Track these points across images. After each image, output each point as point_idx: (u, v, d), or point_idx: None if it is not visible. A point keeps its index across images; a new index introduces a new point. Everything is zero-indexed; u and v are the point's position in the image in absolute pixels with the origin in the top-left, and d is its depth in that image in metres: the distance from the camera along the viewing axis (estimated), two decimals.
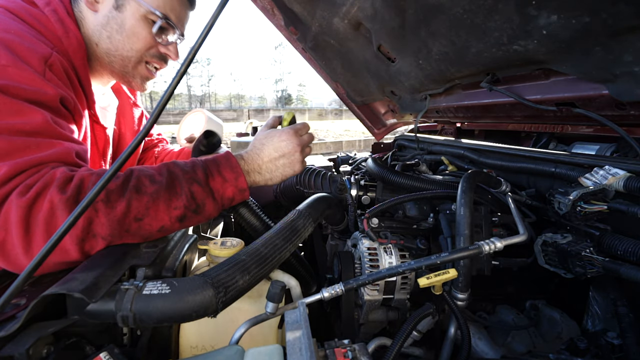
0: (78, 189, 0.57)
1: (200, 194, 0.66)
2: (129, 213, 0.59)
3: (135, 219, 0.60)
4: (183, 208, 0.64)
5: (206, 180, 0.68)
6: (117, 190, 0.59)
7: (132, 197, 0.60)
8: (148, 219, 0.61)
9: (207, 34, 0.43)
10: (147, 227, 0.61)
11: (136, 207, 0.60)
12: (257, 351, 0.45)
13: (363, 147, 11.16)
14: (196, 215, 0.67)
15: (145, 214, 0.60)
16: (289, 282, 0.73)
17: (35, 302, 0.42)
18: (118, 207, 0.58)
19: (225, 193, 0.70)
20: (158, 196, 0.62)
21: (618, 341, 0.59)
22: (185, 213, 0.64)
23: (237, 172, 0.71)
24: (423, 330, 0.66)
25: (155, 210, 0.61)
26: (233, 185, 0.70)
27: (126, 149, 0.42)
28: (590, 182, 0.68)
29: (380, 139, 1.87)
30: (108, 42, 0.88)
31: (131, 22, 0.87)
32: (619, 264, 0.57)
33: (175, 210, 0.63)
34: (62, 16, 0.81)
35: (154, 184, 0.63)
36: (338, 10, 1.06)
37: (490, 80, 0.93)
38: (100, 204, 0.57)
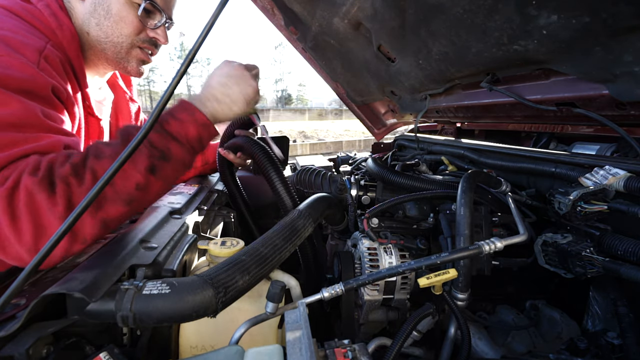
0: (49, 170, 0.58)
1: (159, 140, 0.66)
2: (97, 179, 0.59)
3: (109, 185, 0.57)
4: (147, 159, 0.64)
5: (161, 126, 0.68)
6: (80, 163, 0.61)
7: (94, 164, 0.61)
8: (119, 180, 0.61)
9: (207, 34, 0.43)
10: (122, 188, 0.62)
11: (101, 171, 0.60)
12: (257, 351, 0.44)
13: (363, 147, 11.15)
14: (166, 162, 0.66)
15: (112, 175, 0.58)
16: (289, 282, 0.73)
17: (35, 302, 0.42)
18: (86, 177, 0.59)
19: (189, 133, 0.70)
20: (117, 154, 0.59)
21: (618, 341, 0.59)
22: (152, 162, 0.64)
23: (190, 109, 0.72)
24: (423, 330, 0.66)
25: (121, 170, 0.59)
26: (192, 123, 0.71)
27: (126, 148, 0.42)
28: (590, 182, 0.68)
29: (380, 139, 1.87)
30: (97, 29, 0.88)
31: (117, 6, 0.87)
32: (619, 264, 0.57)
33: (141, 163, 0.63)
34: (55, 10, 0.82)
35: (110, 146, 0.64)
36: (338, 10, 1.06)
37: (490, 80, 0.93)
38: (71, 178, 0.58)
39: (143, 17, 0.90)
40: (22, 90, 0.64)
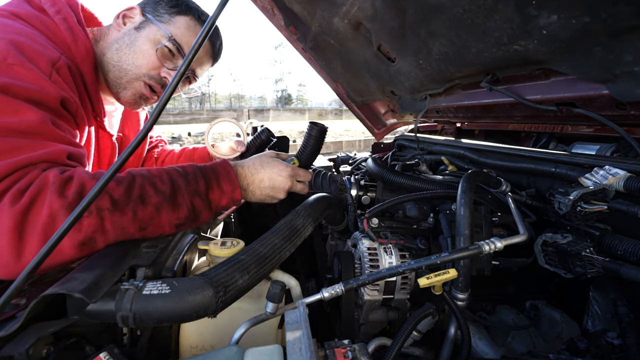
0: (79, 194, 0.56)
1: (200, 205, 0.70)
2: (134, 223, 0.60)
3: (140, 229, 0.61)
4: (184, 219, 0.67)
5: (207, 192, 0.71)
6: (123, 199, 0.60)
7: (138, 208, 0.61)
8: (151, 228, 0.63)
9: (207, 34, 0.43)
10: (149, 234, 0.64)
11: (141, 217, 0.61)
12: (257, 351, 0.44)
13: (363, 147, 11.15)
14: (192, 223, 0.70)
15: (149, 223, 0.62)
16: (289, 282, 0.73)
17: (35, 302, 0.42)
18: (124, 217, 0.59)
19: (221, 203, 0.74)
20: (162, 208, 0.63)
21: (618, 341, 0.59)
22: (184, 222, 0.67)
23: (234, 185, 0.75)
24: (423, 330, 0.66)
25: (158, 220, 0.63)
26: (229, 197, 0.74)
27: (125, 149, 0.42)
28: (590, 182, 0.68)
29: (380, 139, 1.87)
30: (114, 53, 0.90)
31: (142, 41, 0.90)
32: (619, 264, 0.57)
33: (177, 221, 0.66)
34: (72, 24, 0.83)
35: (158, 194, 0.64)
36: (338, 10, 1.06)
37: (490, 80, 0.93)
38: (107, 212, 0.58)
39: (162, 56, 0.91)
40: (32, 101, 0.64)
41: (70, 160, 0.65)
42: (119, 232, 0.59)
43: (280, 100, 53.04)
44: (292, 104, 52.79)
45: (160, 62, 0.91)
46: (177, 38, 0.91)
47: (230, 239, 0.75)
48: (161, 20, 0.92)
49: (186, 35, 0.93)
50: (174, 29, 0.91)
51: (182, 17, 0.93)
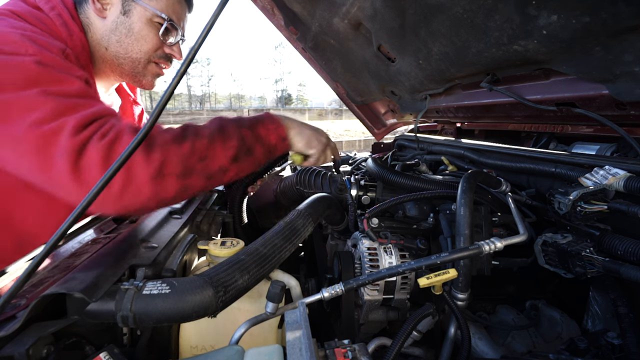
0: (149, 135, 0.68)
1: (249, 137, 0.77)
2: (194, 152, 0.69)
3: (200, 159, 0.69)
4: (236, 148, 0.74)
5: (252, 127, 0.79)
6: (180, 135, 0.70)
7: (195, 140, 0.70)
8: (209, 159, 0.71)
9: (207, 34, 0.43)
10: (210, 166, 0.71)
11: (199, 147, 0.69)
12: (257, 351, 0.44)
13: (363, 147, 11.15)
14: (247, 157, 0.77)
15: (206, 154, 0.70)
16: (289, 282, 0.73)
17: (35, 302, 0.42)
18: (185, 146, 0.68)
19: (270, 140, 0.81)
20: (214, 138, 0.72)
21: (618, 341, 0.59)
22: (237, 153, 0.74)
23: (277, 123, 0.84)
24: (423, 330, 0.66)
25: (213, 150, 0.71)
26: (275, 133, 0.82)
27: (127, 147, 0.42)
28: (590, 182, 0.68)
29: (380, 139, 1.87)
30: (117, 45, 0.93)
31: (139, 25, 0.93)
32: (619, 264, 0.57)
33: (230, 150, 0.73)
34: (66, 19, 0.86)
35: (209, 129, 0.74)
36: (338, 10, 1.06)
37: (490, 80, 0.93)
38: (170, 145, 0.67)
39: (162, 35, 0.96)
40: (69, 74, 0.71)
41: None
42: (184, 163, 0.67)
43: (280, 100, 53.04)
44: (292, 104, 52.79)
45: (161, 42, 0.98)
46: (166, 11, 0.94)
47: (230, 239, 0.75)
48: None
49: (169, 4, 0.94)
50: (158, 3, 0.93)
51: None
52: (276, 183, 1.24)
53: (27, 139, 0.62)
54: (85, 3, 0.91)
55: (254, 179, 1.12)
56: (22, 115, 0.63)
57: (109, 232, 0.73)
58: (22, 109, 0.63)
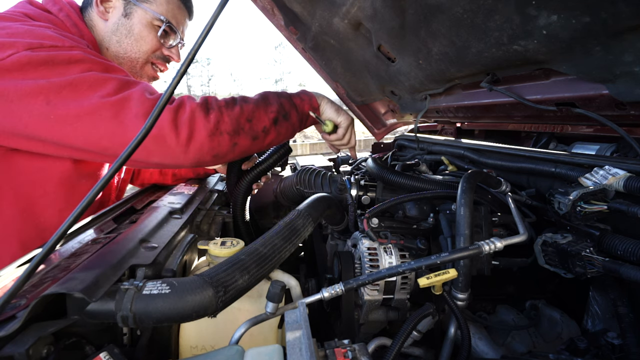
0: (206, 100, 0.81)
1: (287, 104, 0.91)
2: (243, 114, 0.82)
3: (247, 120, 0.82)
4: (276, 112, 0.87)
5: (290, 97, 0.93)
6: (231, 101, 0.83)
7: (243, 104, 0.83)
8: (255, 120, 0.83)
9: (207, 34, 0.43)
10: (255, 126, 0.84)
11: (246, 110, 0.82)
12: (257, 351, 0.44)
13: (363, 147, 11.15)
14: (285, 121, 0.90)
15: (253, 115, 0.83)
16: (289, 282, 0.73)
17: (36, 302, 0.42)
18: (236, 109, 0.81)
19: (304, 108, 0.95)
20: (258, 104, 0.86)
21: (618, 341, 0.59)
22: (277, 116, 0.87)
23: (310, 95, 0.98)
24: (423, 330, 0.66)
25: (258, 113, 0.84)
26: (308, 103, 0.96)
27: (130, 144, 0.42)
28: (590, 182, 0.68)
29: (380, 139, 1.87)
30: (117, 45, 0.99)
31: (139, 27, 0.98)
32: (619, 264, 0.57)
33: (271, 114, 0.87)
34: (76, 21, 0.92)
35: (254, 97, 0.87)
36: (338, 10, 1.06)
37: (490, 80, 0.93)
38: (224, 108, 0.80)
39: (160, 37, 1.02)
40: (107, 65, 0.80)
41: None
42: (234, 122, 0.80)
43: None
44: None
45: (160, 44, 1.04)
46: (165, 15, 0.99)
47: (230, 239, 0.75)
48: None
49: (169, 9, 1.01)
50: (158, 7, 0.99)
51: None
52: (276, 183, 1.24)
53: (102, 107, 0.71)
54: (90, 7, 0.96)
55: (257, 176, 1.12)
56: (91, 90, 0.72)
57: (109, 232, 0.73)
58: (89, 86, 0.72)
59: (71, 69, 0.73)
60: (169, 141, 0.74)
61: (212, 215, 1.02)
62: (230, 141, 0.79)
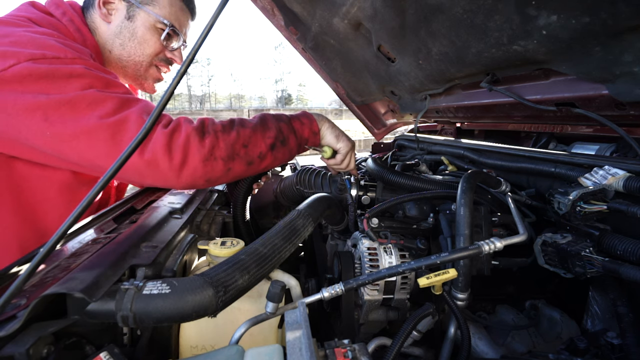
0: (202, 123, 0.79)
1: (285, 129, 0.88)
2: (239, 140, 0.79)
3: (243, 145, 0.80)
4: (274, 138, 0.85)
5: (289, 121, 0.90)
6: (229, 125, 0.81)
7: (240, 129, 0.81)
8: (251, 145, 0.81)
9: (207, 34, 0.43)
10: (251, 152, 0.82)
11: (243, 135, 0.80)
12: (257, 351, 0.44)
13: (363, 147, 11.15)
14: (282, 147, 0.87)
15: (249, 141, 0.81)
16: (289, 282, 0.73)
17: (36, 302, 0.42)
18: (232, 134, 0.79)
19: (303, 133, 0.92)
20: (256, 129, 0.83)
21: (618, 341, 0.59)
22: (275, 142, 0.85)
23: (311, 119, 0.95)
24: (423, 330, 0.66)
25: (255, 139, 0.82)
26: (308, 128, 0.93)
27: (131, 143, 0.42)
28: (590, 182, 0.68)
29: (380, 139, 1.87)
30: (121, 49, 0.98)
31: (142, 30, 0.98)
32: (618, 263, 0.57)
33: (269, 139, 0.84)
34: (79, 25, 0.91)
35: (252, 121, 0.85)
36: (338, 10, 1.06)
37: (490, 80, 0.93)
38: (220, 133, 0.78)
39: (163, 40, 1.02)
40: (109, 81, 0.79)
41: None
42: (229, 148, 0.78)
43: (280, 100, 53.03)
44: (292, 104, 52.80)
45: (163, 46, 1.03)
46: (168, 18, 0.99)
47: (230, 239, 0.75)
48: (144, 2, 0.96)
49: (172, 12, 1.00)
50: (161, 10, 0.98)
51: None
52: (276, 183, 1.24)
53: (99, 128, 0.70)
54: (92, 8, 0.95)
55: (258, 177, 1.12)
56: (89, 109, 0.71)
57: (109, 232, 0.73)
58: (88, 105, 0.71)
59: (71, 84, 0.72)
60: (161, 165, 0.73)
61: (212, 215, 1.02)
62: (224, 166, 0.78)
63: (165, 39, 1.02)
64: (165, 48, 1.04)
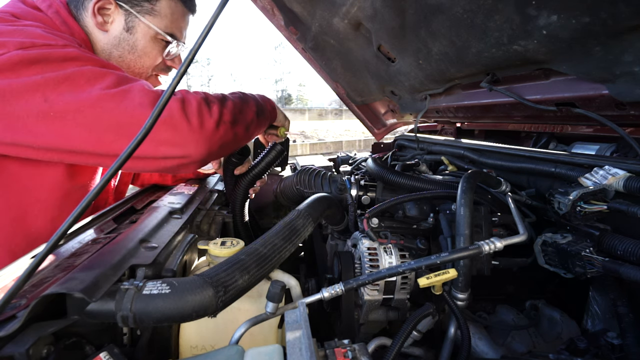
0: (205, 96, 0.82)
1: (258, 102, 0.96)
2: (235, 107, 0.85)
3: (240, 111, 0.86)
4: (255, 107, 0.93)
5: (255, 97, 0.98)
6: (222, 96, 0.86)
7: (231, 99, 0.87)
8: (244, 112, 0.88)
9: (207, 34, 0.43)
10: (245, 117, 0.88)
11: (236, 104, 0.86)
12: (257, 351, 0.45)
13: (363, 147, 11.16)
14: (262, 116, 0.96)
15: (242, 108, 0.88)
16: (289, 282, 0.73)
17: (36, 302, 0.42)
18: (229, 102, 0.84)
19: (267, 106, 1.00)
20: (242, 100, 0.90)
21: (618, 341, 0.59)
22: (257, 110, 0.93)
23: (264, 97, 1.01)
24: (423, 330, 0.66)
25: (244, 107, 0.89)
26: (269, 104, 1.01)
27: (130, 144, 0.42)
28: (590, 182, 0.68)
29: (380, 139, 1.87)
30: (119, 60, 0.95)
31: (142, 43, 0.94)
32: (618, 264, 0.57)
33: (253, 107, 0.92)
34: (65, 17, 0.87)
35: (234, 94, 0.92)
36: (338, 10, 1.06)
37: (490, 80, 0.93)
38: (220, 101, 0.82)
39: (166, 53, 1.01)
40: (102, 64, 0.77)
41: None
42: (232, 113, 0.83)
43: (280, 100, 53.04)
44: (292, 104, 52.80)
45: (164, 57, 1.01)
46: (170, 29, 0.96)
47: (230, 239, 0.75)
48: (143, 11, 0.92)
49: (174, 20, 0.97)
50: (162, 21, 0.94)
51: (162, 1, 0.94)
52: (276, 183, 1.24)
53: (104, 99, 0.69)
54: (84, 10, 0.89)
55: (252, 180, 1.11)
56: (90, 84, 0.70)
57: (109, 232, 0.73)
58: (88, 79, 0.70)
59: (67, 65, 0.70)
60: (180, 128, 0.74)
61: (212, 215, 1.02)
62: (232, 130, 0.83)
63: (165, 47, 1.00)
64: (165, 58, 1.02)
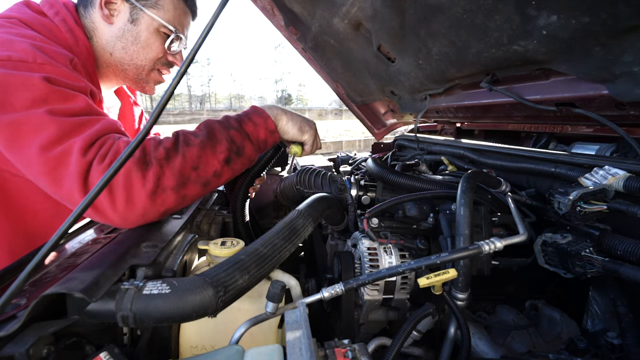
0: (144, 152, 0.69)
1: (238, 137, 0.79)
2: (186, 163, 0.71)
3: (193, 168, 0.72)
4: (227, 151, 0.76)
5: (240, 126, 0.81)
6: (173, 148, 0.71)
7: (185, 150, 0.72)
8: (202, 166, 0.73)
9: (207, 34, 0.43)
10: (203, 173, 0.73)
11: (190, 157, 0.71)
12: (257, 351, 0.45)
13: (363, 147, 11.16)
14: (239, 157, 0.79)
15: (199, 162, 0.73)
16: (289, 282, 0.73)
17: (36, 302, 0.42)
18: (177, 160, 0.70)
19: (259, 135, 0.83)
20: (204, 145, 0.74)
21: (618, 341, 0.59)
22: (229, 155, 0.77)
23: (264, 116, 0.85)
24: (423, 330, 0.66)
25: (205, 157, 0.73)
26: (263, 128, 0.84)
27: (128, 145, 0.42)
28: (590, 182, 0.68)
29: (380, 139, 1.87)
30: (123, 52, 0.96)
31: (145, 34, 0.95)
32: (618, 264, 0.57)
33: (221, 154, 0.75)
34: (71, 26, 0.87)
35: (198, 137, 0.75)
36: (338, 10, 1.06)
37: (490, 80, 0.93)
38: (163, 161, 0.69)
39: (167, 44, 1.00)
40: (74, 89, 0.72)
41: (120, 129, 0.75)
42: (178, 176, 0.70)
43: (280, 100, 53.03)
44: (292, 104, 52.83)
45: (166, 51, 1.01)
46: (172, 22, 0.96)
47: (230, 239, 0.75)
48: (148, 4, 0.93)
49: (176, 15, 0.97)
50: (166, 14, 0.95)
51: None
52: (276, 183, 1.24)
53: (38, 162, 0.65)
54: (92, 7, 0.92)
55: (251, 180, 1.11)
56: (31, 137, 0.65)
57: (109, 232, 0.73)
58: (30, 130, 0.65)
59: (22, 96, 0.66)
60: (102, 209, 0.65)
61: (212, 215, 1.02)
62: (177, 195, 0.70)
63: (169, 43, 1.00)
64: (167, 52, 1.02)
